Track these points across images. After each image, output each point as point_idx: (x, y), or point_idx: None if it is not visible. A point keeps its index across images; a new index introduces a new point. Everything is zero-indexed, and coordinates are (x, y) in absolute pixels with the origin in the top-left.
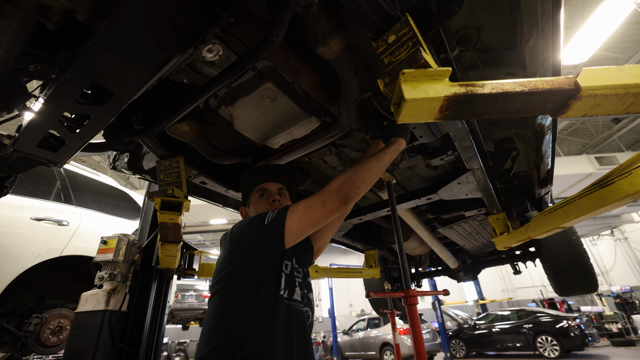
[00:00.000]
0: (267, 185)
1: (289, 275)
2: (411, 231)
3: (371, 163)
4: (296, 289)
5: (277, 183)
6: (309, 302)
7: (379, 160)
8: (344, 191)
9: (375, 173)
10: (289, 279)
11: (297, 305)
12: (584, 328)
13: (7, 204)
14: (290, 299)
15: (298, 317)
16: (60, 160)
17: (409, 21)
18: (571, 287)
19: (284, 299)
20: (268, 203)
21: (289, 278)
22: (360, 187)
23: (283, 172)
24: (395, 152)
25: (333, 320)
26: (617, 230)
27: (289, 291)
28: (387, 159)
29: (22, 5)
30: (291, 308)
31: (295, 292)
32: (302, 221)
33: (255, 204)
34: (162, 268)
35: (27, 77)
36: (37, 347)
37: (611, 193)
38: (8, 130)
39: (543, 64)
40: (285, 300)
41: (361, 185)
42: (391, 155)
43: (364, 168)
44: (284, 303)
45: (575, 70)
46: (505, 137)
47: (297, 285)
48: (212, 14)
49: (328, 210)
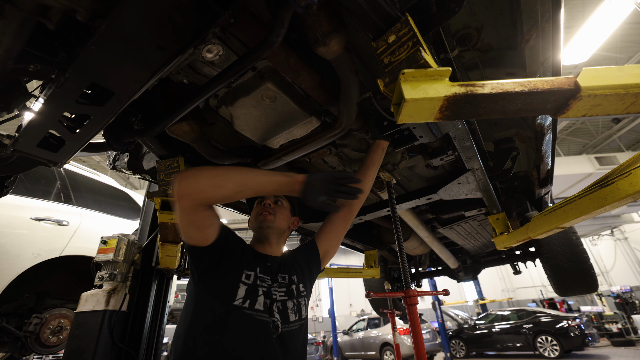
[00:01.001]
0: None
1: (251, 285)
2: (411, 231)
3: (232, 172)
4: (259, 298)
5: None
6: (281, 311)
7: (239, 172)
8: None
9: (228, 181)
10: (250, 289)
11: (259, 315)
12: (584, 328)
13: (7, 204)
14: (252, 308)
15: (260, 327)
16: (60, 160)
17: (409, 21)
18: (571, 287)
19: (242, 309)
20: (260, 207)
21: (251, 288)
22: (199, 186)
23: None
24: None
25: (333, 320)
26: (617, 230)
27: (250, 301)
28: (258, 178)
29: (22, 5)
30: (252, 318)
31: (258, 301)
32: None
33: (254, 209)
34: (162, 268)
35: (27, 77)
36: (37, 347)
37: (611, 193)
38: (8, 130)
39: (543, 64)
40: (246, 310)
41: (200, 184)
42: (267, 178)
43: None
44: (242, 313)
45: (575, 70)
46: (505, 137)
47: (261, 294)
48: (212, 14)
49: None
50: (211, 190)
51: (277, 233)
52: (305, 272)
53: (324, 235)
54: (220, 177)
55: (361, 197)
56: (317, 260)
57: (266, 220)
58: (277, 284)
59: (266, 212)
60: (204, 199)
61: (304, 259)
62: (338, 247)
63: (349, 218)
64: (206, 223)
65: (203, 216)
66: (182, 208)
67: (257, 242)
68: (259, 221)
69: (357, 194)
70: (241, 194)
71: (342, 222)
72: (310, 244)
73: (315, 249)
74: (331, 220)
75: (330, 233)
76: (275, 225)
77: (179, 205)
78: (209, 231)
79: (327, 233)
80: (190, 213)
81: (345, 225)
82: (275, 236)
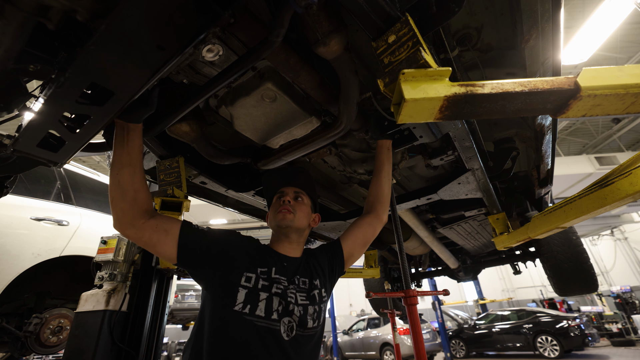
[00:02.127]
0: (284, 189)
1: (251, 288)
2: (411, 231)
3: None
4: (260, 303)
5: (294, 187)
6: (302, 316)
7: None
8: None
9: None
10: (250, 293)
11: (260, 322)
12: (584, 328)
13: (7, 204)
14: (252, 314)
15: (261, 335)
16: (60, 160)
17: (409, 21)
18: (571, 287)
19: (243, 315)
20: (279, 204)
21: (252, 292)
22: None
23: (300, 175)
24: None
25: (333, 320)
26: (617, 230)
27: (250, 306)
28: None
29: (22, 5)
30: (252, 325)
31: (259, 307)
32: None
33: (273, 205)
34: (162, 268)
35: (27, 77)
36: (37, 347)
37: (611, 193)
38: (8, 130)
39: (543, 64)
40: (246, 316)
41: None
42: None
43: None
44: (243, 319)
45: (575, 70)
46: (505, 137)
47: (264, 298)
48: (212, 14)
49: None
50: (117, 198)
51: (297, 232)
52: (327, 274)
53: (350, 238)
54: (114, 185)
55: (383, 200)
56: (340, 262)
57: (285, 219)
58: (294, 286)
59: (285, 210)
60: (124, 211)
61: (327, 260)
62: (362, 252)
63: (377, 224)
64: (157, 239)
65: (149, 232)
66: (129, 237)
67: (275, 241)
68: (278, 220)
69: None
70: (128, 173)
71: (370, 228)
72: (334, 244)
73: (339, 249)
74: (358, 224)
75: (356, 237)
76: (294, 224)
77: (128, 237)
78: (169, 238)
79: (354, 236)
80: (138, 237)
81: (372, 231)
82: (295, 235)
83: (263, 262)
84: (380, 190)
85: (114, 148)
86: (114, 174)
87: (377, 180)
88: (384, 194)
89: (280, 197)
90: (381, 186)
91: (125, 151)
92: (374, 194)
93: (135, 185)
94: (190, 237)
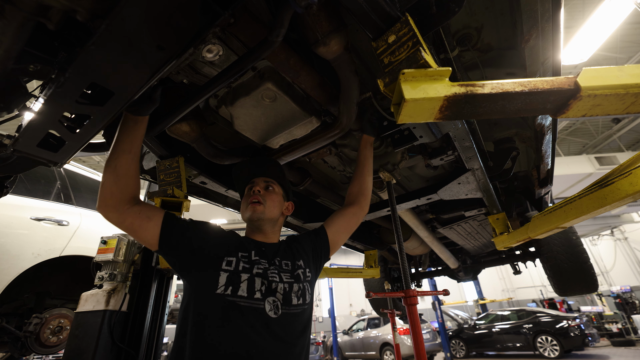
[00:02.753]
0: (255, 180)
1: (232, 271)
2: (411, 231)
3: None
4: (241, 284)
5: (264, 177)
6: (286, 293)
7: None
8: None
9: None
10: (232, 276)
11: (243, 302)
12: (584, 328)
13: (7, 204)
14: (235, 295)
15: (246, 314)
16: (60, 160)
17: (409, 21)
18: (571, 287)
19: (225, 297)
20: (250, 194)
21: (233, 275)
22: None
23: (270, 166)
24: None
25: (333, 320)
26: (617, 230)
27: (232, 288)
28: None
29: (22, 5)
30: (235, 305)
31: (240, 287)
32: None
33: (244, 197)
34: (162, 268)
35: (27, 77)
36: (37, 347)
37: (611, 193)
38: (8, 130)
39: (543, 64)
40: (229, 297)
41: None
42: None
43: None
44: (225, 300)
45: (575, 70)
46: (505, 137)
47: (246, 279)
48: (212, 14)
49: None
50: (109, 182)
51: (269, 223)
52: (311, 257)
53: (334, 226)
54: (109, 168)
55: (366, 193)
56: (326, 247)
57: (255, 212)
58: (274, 267)
59: (255, 202)
60: (113, 194)
61: (311, 244)
62: (345, 241)
63: (360, 214)
64: (139, 224)
65: (132, 217)
66: (111, 220)
67: (251, 231)
68: (249, 213)
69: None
70: (127, 160)
71: (354, 218)
72: (319, 230)
73: (325, 235)
74: (342, 214)
75: (341, 226)
76: (265, 216)
77: (109, 220)
78: (151, 224)
79: (338, 225)
80: (120, 221)
81: (356, 220)
82: (268, 226)
83: (243, 248)
84: (365, 184)
85: (118, 135)
86: (112, 158)
87: (361, 174)
88: (367, 187)
89: (251, 188)
90: (365, 180)
91: (128, 139)
92: (358, 187)
93: (131, 172)
94: (173, 225)
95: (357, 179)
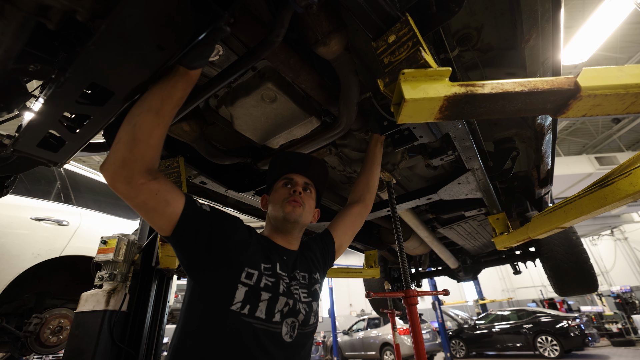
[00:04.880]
0: (293, 176)
1: (253, 286)
2: (411, 231)
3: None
4: (260, 304)
5: (305, 177)
6: (307, 313)
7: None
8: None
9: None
10: (251, 292)
11: (260, 324)
12: (584, 328)
13: (7, 204)
14: (252, 316)
15: (261, 339)
16: (60, 160)
17: (409, 21)
18: (571, 287)
19: (241, 316)
20: (288, 192)
21: (253, 291)
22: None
23: (314, 166)
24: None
25: (333, 320)
26: (617, 230)
27: (250, 307)
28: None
29: (22, 5)
30: (251, 327)
31: (259, 308)
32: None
33: (276, 191)
34: (162, 268)
35: (27, 77)
36: (37, 347)
37: (611, 193)
38: (8, 130)
39: (543, 64)
40: (245, 317)
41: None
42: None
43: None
44: (241, 321)
45: (575, 70)
46: (505, 137)
47: (266, 299)
48: (212, 14)
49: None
50: (123, 145)
51: (300, 228)
52: (320, 266)
53: (340, 229)
54: (127, 125)
55: (372, 190)
56: (332, 252)
57: (294, 213)
58: (296, 282)
59: (296, 203)
60: (125, 162)
61: (320, 251)
62: (349, 244)
63: (365, 213)
64: (154, 207)
65: (146, 195)
66: (118, 191)
67: (274, 232)
68: (287, 212)
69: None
70: (151, 121)
71: (359, 218)
72: (325, 235)
73: (331, 239)
74: (347, 214)
75: (346, 226)
76: (302, 220)
77: (116, 191)
78: (169, 211)
79: (343, 226)
80: (131, 196)
81: (361, 220)
82: (297, 230)
83: (266, 257)
84: (372, 181)
85: (150, 87)
86: (133, 114)
87: (369, 171)
88: (374, 185)
89: (288, 185)
90: (373, 177)
91: (159, 95)
92: (364, 184)
93: (152, 139)
94: (193, 216)
95: (365, 174)
